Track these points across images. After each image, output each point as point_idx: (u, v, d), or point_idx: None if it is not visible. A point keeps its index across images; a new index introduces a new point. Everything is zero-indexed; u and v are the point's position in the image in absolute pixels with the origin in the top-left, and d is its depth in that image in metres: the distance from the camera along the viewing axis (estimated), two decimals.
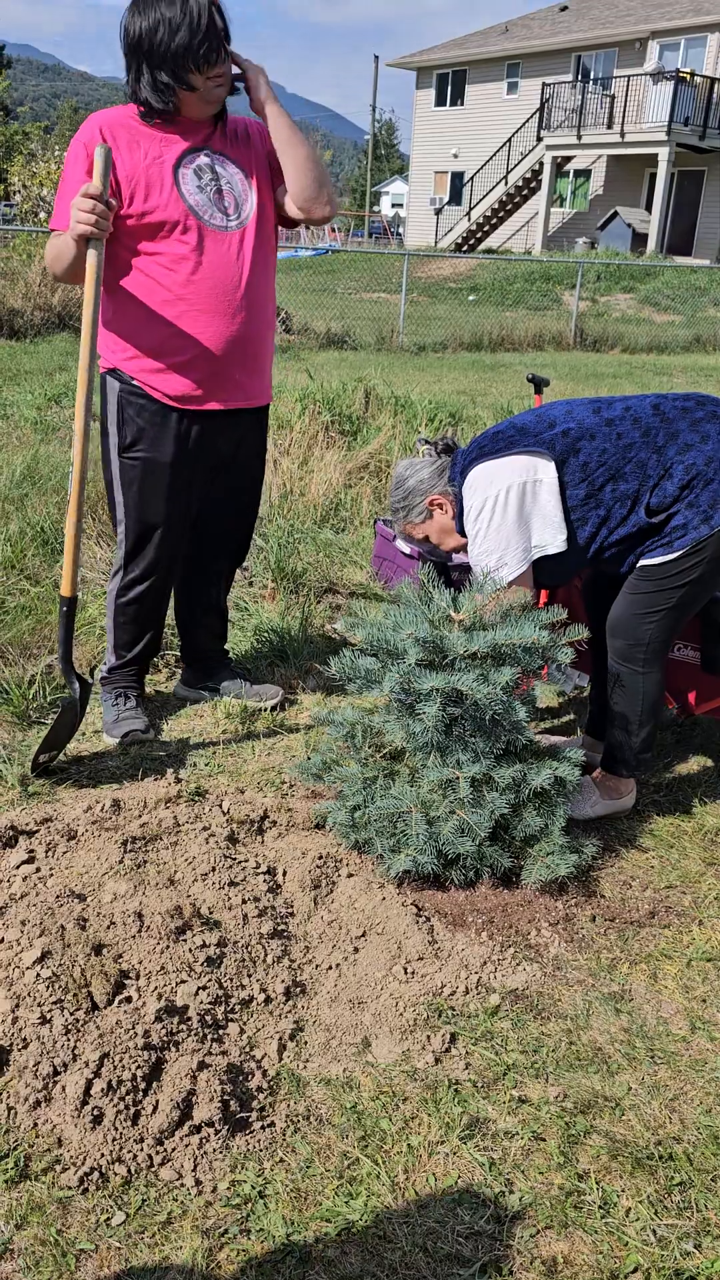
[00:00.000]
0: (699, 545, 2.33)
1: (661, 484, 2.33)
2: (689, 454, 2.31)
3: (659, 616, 2.42)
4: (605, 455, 2.34)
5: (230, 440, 2.74)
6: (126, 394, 2.60)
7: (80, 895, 2.07)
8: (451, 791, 2.19)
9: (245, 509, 2.97)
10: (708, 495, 2.30)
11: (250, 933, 2.04)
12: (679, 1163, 1.67)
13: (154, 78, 2.36)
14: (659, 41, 25.74)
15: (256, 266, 2.57)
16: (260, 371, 2.72)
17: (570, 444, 2.36)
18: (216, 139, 2.53)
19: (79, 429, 2.43)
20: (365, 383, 6.90)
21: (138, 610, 2.86)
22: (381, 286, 19.27)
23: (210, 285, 2.50)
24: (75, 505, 2.49)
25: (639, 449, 2.34)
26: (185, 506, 2.76)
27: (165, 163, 2.44)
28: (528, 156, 26.64)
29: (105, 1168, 1.58)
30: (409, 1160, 1.65)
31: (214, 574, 3.03)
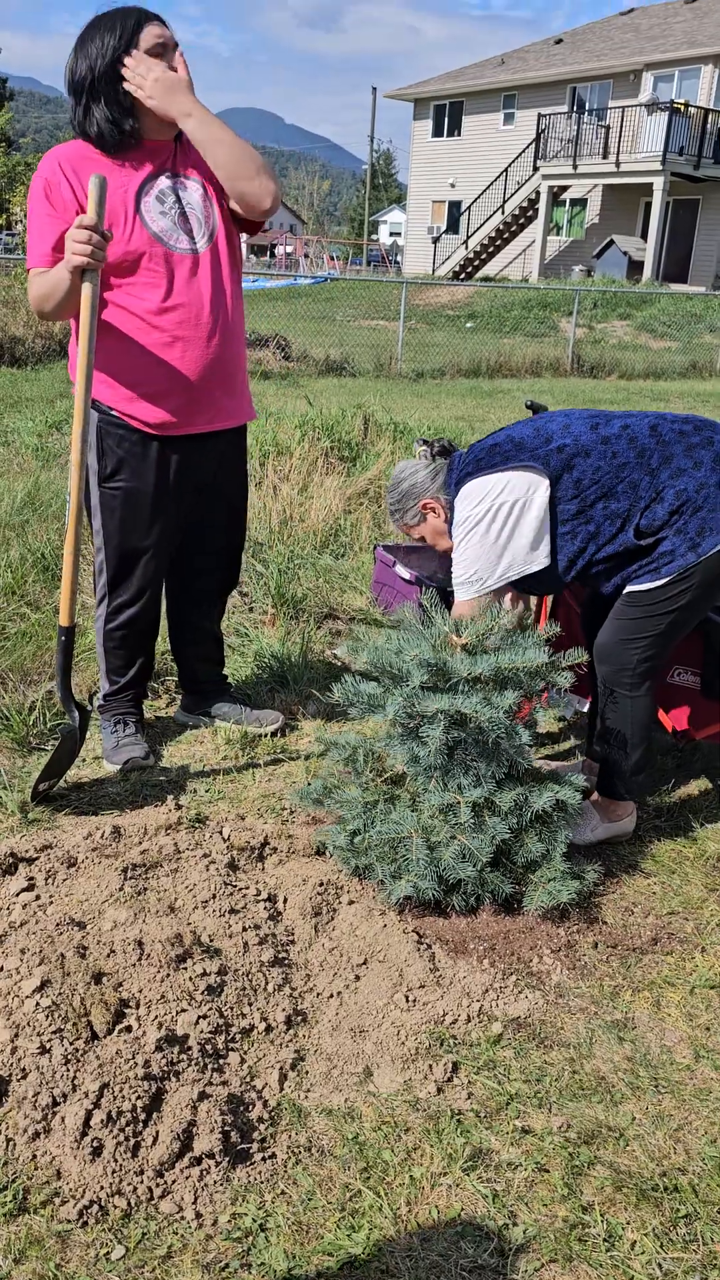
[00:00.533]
0: (686, 572, 2.34)
1: (652, 507, 2.34)
2: (681, 479, 2.32)
3: (646, 642, 2.43)
4: (599, 473, 2.35)
5: (210, 461, 2.75)
6: (106, 424, 2.60)
7: (80, 923, 2.06)
8: (453, 816, 2.19)
9: (231, 529, 2.96)
10: (696, 522, 2.31)
11: (251, 961, 2.03)
12: (684, 1194, 1.65)
13: (108, 111, 2.38)
14: (653, 73, 26.09)
15: (225, 286, 2.58)
16: (237, 390, 2.73)
17: (565, 461, 2.37)
18: (176, 159, 2.52)
19: (75, 460, 2.43)
20: (364, 409, 6.94)
21: (126, 636, 2.86)
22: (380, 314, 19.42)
23: (183, 311, 2.51)
24: (73, 535, 2.48)
25: (633, 469, 2.34)
26: (167, 532, 2.76)
27: (127, 193, 2.44)
28: (524, 186, 26.93)
29: (105, 1200, 1.57)
30: (411, 1192, 1.63)
31: (204, 597, 3.03)
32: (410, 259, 33.37)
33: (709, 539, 2.31)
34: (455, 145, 31.78)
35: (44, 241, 2.43)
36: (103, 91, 2.38)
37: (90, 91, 2.39)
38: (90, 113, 2.40)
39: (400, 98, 33.32)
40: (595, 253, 25.89)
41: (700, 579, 2.35)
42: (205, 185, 2.55)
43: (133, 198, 2.45)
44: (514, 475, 2.38)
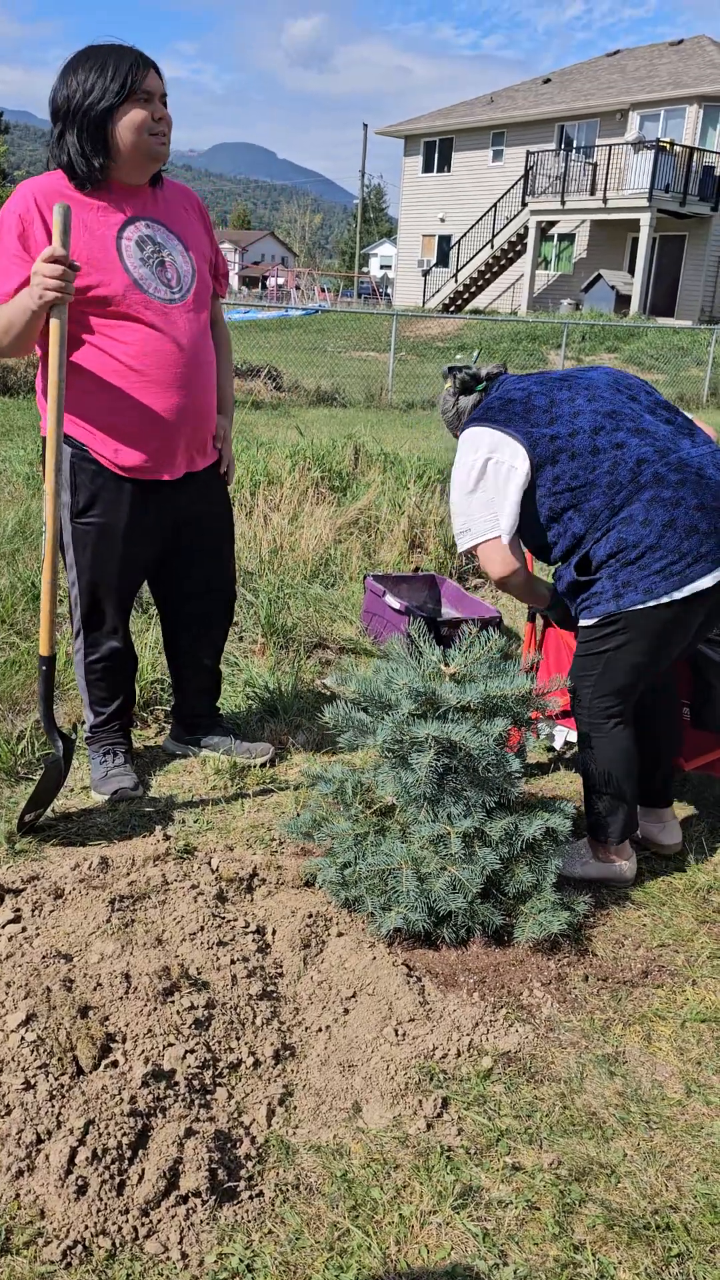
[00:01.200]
0: (610, 619, 2.35)
1: (600, 541, 2.33)
2: (628, 528, 2.30)
3: (591, 680, 2.44)
4: (575, 480, 2.33)
5: (185, 498, 2.72)
6: (79, 459, 2.56)
7: (67, 955, 2.04)
8: (443, 847, 2.18)
9: (216, 563, 2.92)
10: (625, 574, 2.31)
11: (239, 994, 2.01)
12: (676, 1233, 1.63)
13: (79, 143, 2.35)
14: (639, 113, 26.55)
15: (200, 337, 2.58)
16: (208, 436, 2.72)
17: (551, 453, 2.35)
18: (154, 206, 2.51)
19: (49, 490, 2.40)
20: (355, 439, 6.99)
21: (107, 668, 2.85)
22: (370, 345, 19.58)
23: (158, 358, 2.49)
24: (50, 564, 2.46)
25: (600, 495, 2.32)
26: (140, 565, 2.76)
27: (107, 234, 2.41)
28: (513, 221, 27.29)
29: (89, 1240, 1.54)
30: (400, 1231, 1.61)
31: (198, 633, 3.00)
32: (400, 291, 33.70)
33: (630, 595, 2.31)
34: (445, 181, 32.21)
35: (8, 280, 2.36)
36: (79, 125, 2.34)
37: (67, 120, 2.36)
38: (63, 140, 2.37)
39: (391, 134, 33.79)
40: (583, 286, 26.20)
41: (629, 627, 2.34)
42: (186, 240, 2.57)
43: (112, 240, 2.42)
44: (506, 440, 2.38)
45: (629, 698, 2.46)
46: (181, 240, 2.55)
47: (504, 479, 2.39)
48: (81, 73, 2.33)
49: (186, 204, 2.63)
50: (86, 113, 2.33)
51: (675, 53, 28.55)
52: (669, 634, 2.35)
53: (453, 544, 5.29)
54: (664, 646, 2.38)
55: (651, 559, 2.28)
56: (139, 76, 2.34)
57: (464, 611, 4.19)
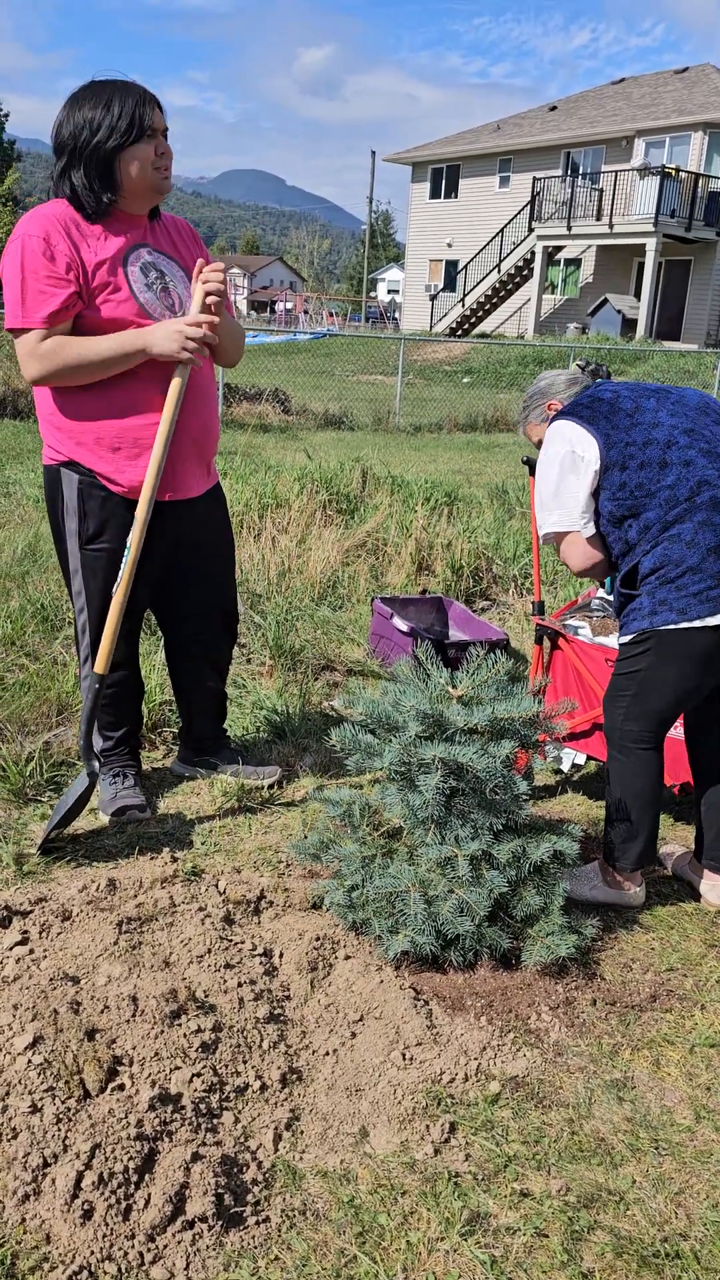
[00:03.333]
0: (643, 636, 2.35)
1: (650, 554, 2.35)
2: (674, 546, 2.31)
3: (623, 702, 2.44)
4: (639, 490, 2.35)
5: (188, 522, 2.74)
6: (86, 485, 2.59)
7: (74, 978, 2.04)
8: (450, 869, 2.18)
9: (217, 582, 2.94)
10: (663, 592, 2.32)
11: (246, 1017, 2.01)
12: (686, 1261, 1.62)
13: (86, 179, 2.39)
14: (645, 139, 26.78)
15: (200, 364, 2.60)
16: (209, 457, 2.77)
17: (622, 459, 2.37)
18: (154, 235, 2.57)
19: (140, 518, 2.52)
20: (362, 462, 7.02)
21: (115, 694, 2.87)
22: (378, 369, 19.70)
23: (160, 382, 2.52)
24: (125, 583, 2.54)
25: (656, 508, 2.34)
26: (146, 593, 2.78)
27: (114, 261, 2.45)
28: (519, 246, 27.49)
29: (95, 1266, 1.53)
30: (408, 1258, 1.60)
31: (197, 652, 3.01)
32: (408, 316, 33.94)
33: (664, 614, 2.32)
34: (452, 206, 32.49)
35: (44, 303, 2.37)
36: (86, 161, 2.38)
37: (72, 156, 2.39)
38: (66, 175, 2.41)
39: (399, 161, 34.13)
40: (590, 311, 26.34)
41: (664, 651, 2.34)
42: (184, 269, 2.62)
43: (119, 267, 2.46)
44: (585, 436, 2.41)
45: (660, 724, 2.44)
46: (182, 267, 2.62)
47: (582, 472, 2.41)
48: (88, 109, 2.36)
49: (182, 235, 2.69)
50: (95, 150, 2.36)
51: (680, 80, 28.82)
52: (702, 661, 2.35)
53: (459, 566, 5.31)
54: (697, 674, 2.37)
55: (690, 580, 2.30)
56: (147, 114, 2.38)
57: (471, 634, 4.20)
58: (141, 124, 2.36)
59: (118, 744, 2.95)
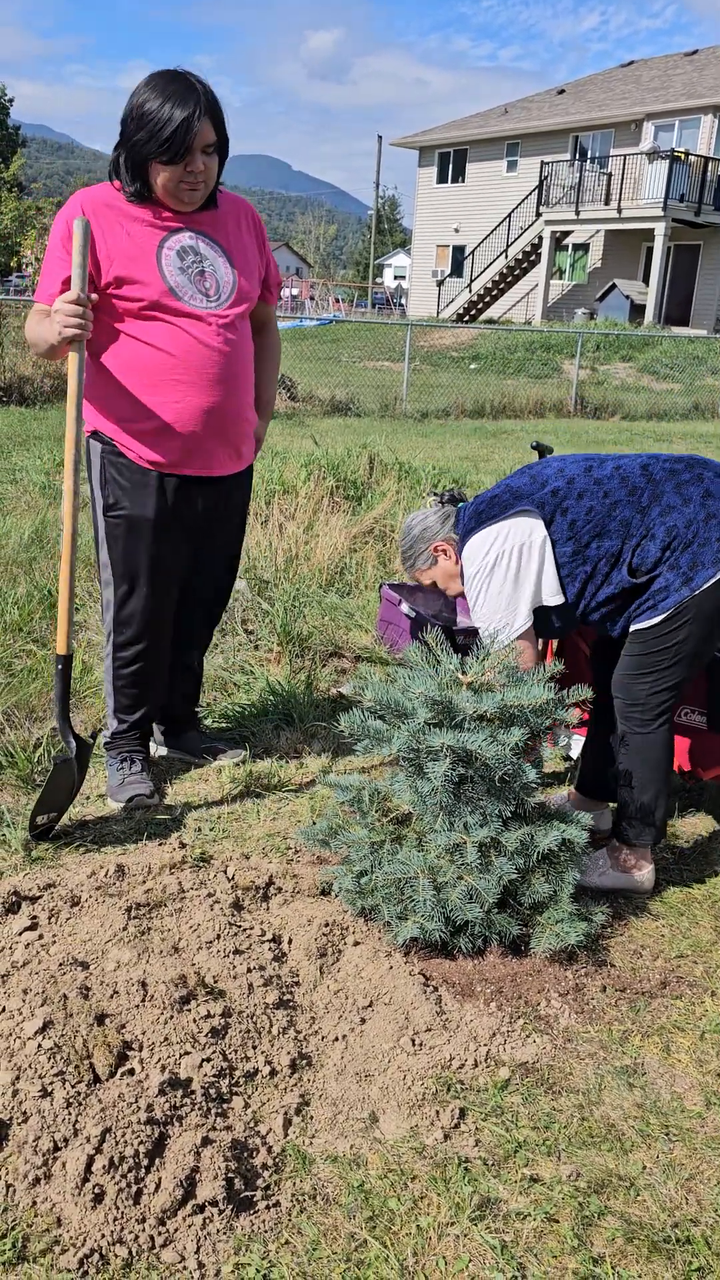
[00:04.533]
0: (681, 607, 2.36)
1: (644, 544, 2.37)
2: (670, 516, 2.35)
3: (652, 677, 2.44)
4: (592, 514, 2.39)
5: (210, 500, 2.78)
6: (109, 455, 2.66)
7: (83, 963, 2.04)
8: (459, 856, 2.17)
9: (228, 569, 3.02)
10: (687, 557, 2.34)
11: (255, 1003, 2.01)
12: (697, 1246, 1.62)
13: (126, 169, 2.45)
14: (654, 123, 26.57)
15: (233, 346, 2.62)
16: (240, 441, 2.76)
17: (558, 503, 2.41)
18: (203, 219, 2.57)
19: (68, 489, 2.47)
20: (369, 449, 7.00)
21: (136, 674, 2.87)
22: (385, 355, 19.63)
23: (186, 362, 2.55)
24: (67, 563, 2.52)
25: (623, 507, 2.38)
26: (170, 566, 2.79)
27: (148, 243, 2.49)
28: (527, 231, 27.33)
29: (105, 1249, 1.54)
30: (418, 1242, 1.60)
31: (193, 633, 3.06)
32: (415, 302, 33.78)
33: (701, 573, 2.33)
34: (459, 191, 32.29)
35: (52, 283, 2.49)
36: (128, 155, 2.43)
37: (121, 143, 2.44)
38: (119, 153, 2.47)
39: (406, 145, 33.93)
40: (598, 296, 26.20)
41: (698, 613, 2.36)
42: (231, 253, 2.62)
43: (153, 248, 2.50)
44: (513, 522, 2.43)
45: (680, 693, 2.48)
46: (227, 253, 2.61)
47: (538, 554, 2.41)
48: (150, 99, 2.36)
49: (240, 218, 2.68)
50: (133, 149, 2.41)
51: (690, 63, 28.58)
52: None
53: None
54: (717, 631, 2.42)
55: (707, 529, 2.33)
56: (184, 135, 2.35)
57: None
58: (178, 147, 2.36)
59: (131, 727, 2.95)
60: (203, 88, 2.40)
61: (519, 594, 2.43)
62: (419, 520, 2.66)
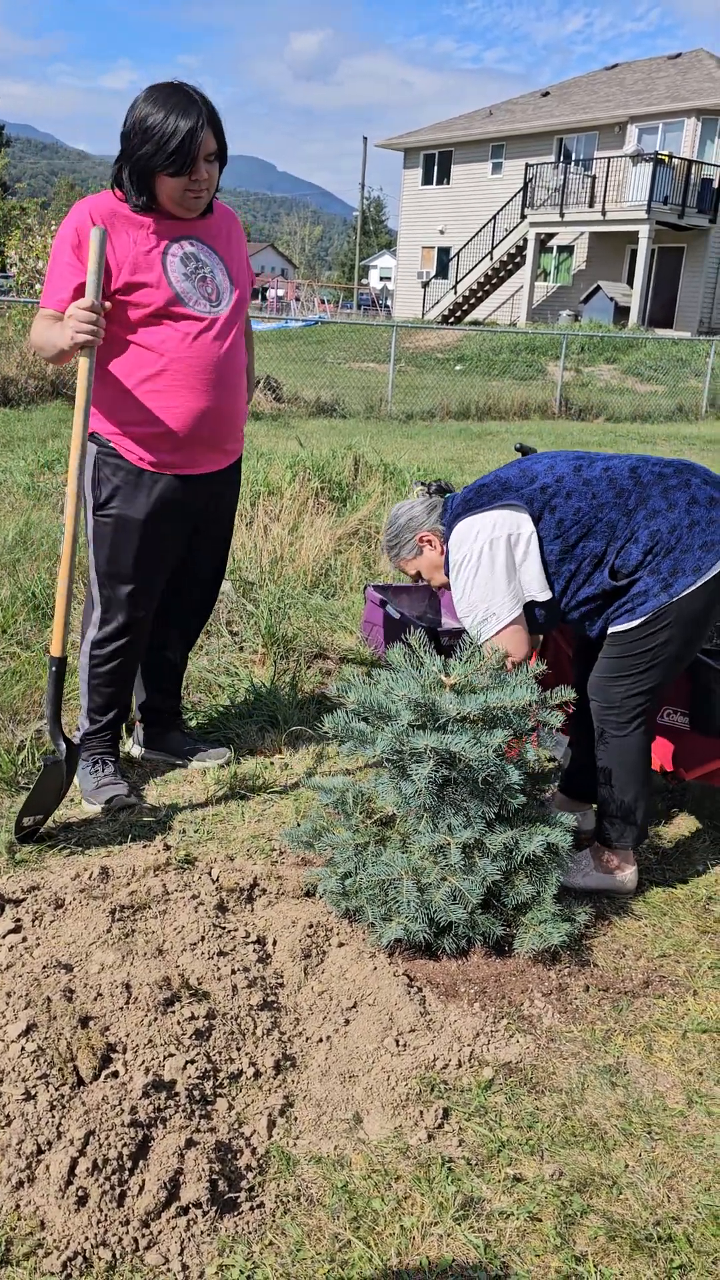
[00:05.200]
0: (660, 612, 2.36)
1: (627, 547, 2.38)
2: (655, 520, 2.36)
3: (629, 681, 2.45)
4: (580, 514, 2.40)
5: (203, 498, 2.81)
6: (103, 455, 2.68)
7: (67, 965, 2.04)
8: (443, 857, 2.18)
9: (217, 569, 3.05)
10: (669, 563, 2.35)
11: (239, 1004, 2.01)
12: (679, 1244, 1.63)
13: (130, 180, 2.49)
14: (638, 125, 26.69)
15: (232, 349, 2.69)
16: (232, 440, 2.82)
17: (546, 500, 2.42)
18: (199, 227, 2.63)
19: (71, 492, 2.51)
20: (354, 450, 7.00)
21: (111, 673, 2.87)
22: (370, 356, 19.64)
23: (189, 364, 2.60)
24: (66, 565, 2.53)
25: (610, 509, 2.39)
26: (157, 567, 2.80)
27: (154, 249, 2.54)
28: (512, 233, 27.40)
29: (89, 1252, 1.54)
30: (402, 1243, 1.60)
31: (182, 630, 3.09)
32: (400, 303, 33.82)
33: (681, 580, 2.34)
34: (444, 193, 32.35)
35: (62, 288, 2.51)
36: (131, 167, 2.46)
37: (124, 155, 2.47)
38: (121, 165, 2.50)
39: (391, 147, 33.96)
40: (582, 298, 26.29)
41: (677, 619, 2.37)
42: (227, 261, 2.69)
43: (159, 255, 2.54)
44: (502, 513, 2.43)
45: (658, 697, 2.49)
46: (223, 259, 2.69)
47: (523, 549, 2.42)
48: (152, 112, 2.40)
49: (230, 226, 2.76)
50: (137, 162, 2.45)
51: (673, 66, 28.72)
52: (704, 619, 2.40)
53: None
54: (698, 636, 2.43)
55: (690, 536, 2.34)
56: (188, 146, 2.39)
57: None
58: (184, 158, 2.41)
59: (103, 729, 2.95)
60: (202, 98, 2.45)
61: (507, 584, 2.42)
62: (405, 510, 2.66)
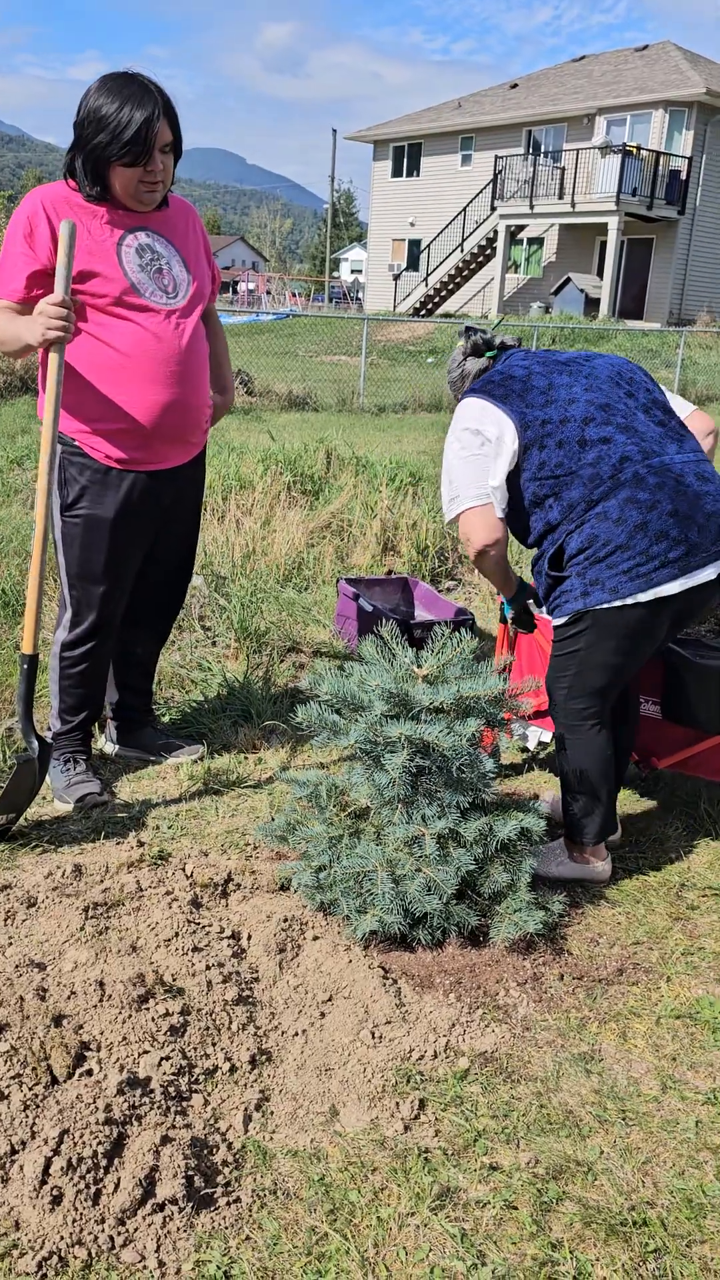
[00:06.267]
0: (577, 616, 2.36)
1: (572, 535, 2.35)
2: (601, 524, 2.30)
3: (565, 682, 2.46)
4: (559, 469, 2.33)
5: (170, 493, 2.79)
6: (68, 455, 2.65)
7: (40, 964, 2.03)
8: (418, 848, 2.18)
9: (183, 564, 3.03)
10: (593, 572, 2.32)
11: (214, 1000, 2.00)
12: (653, 1228, 1.64)
13: (83, 170, 2.46)
14: (606, 117, 26.75)
15: (192, 342, 2.66)
16: (196, 432, 2.79)
17: (540, 437, 2.35)
18: (155, 219, 2.60)
19: (41, 488, 2.48)
20: (326, 444, 6.99)
21: (83, 674, 2.85)
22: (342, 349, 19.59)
23: (148, 358, 2.57)
24: (37, 563, 2.50)
25: (578, 486, 2.32)
26: (126, 566, 2.78)
27: (108, 239, 2.51)
28: (482, 225, 27.41)
29: (65, 1251, 1.53)
30: (379, 1234, 1.61)
31: (153, 627, 3.07)
32: (371, 296, 33.77)
33: (596, 594, 2.32)
34: (414, 185, 32.30)
35: (14, 277, 2.48)
36: (85, 157, 2.44)
37: (77, 145, 2.45)
38: (72, 155, 2.48)
39: (360, 139, 33.85)
40: (553, 290, 26.35)
41: (596, 626, 2.34)
42: (184, 253, 2.66)
43: (113, 246, 2.51)
44: (500, 416, 2.38)
45: (604, 699, 2.46)
46: (180, 252, 2.66)
47: (493, 452, 2.39)
48: (105, 102, 2.38)
49: (188, 219, 2.73)
50: (91, 152, 2.42)
51: (641, 58, 28.80)
52: (636, 636, 2.36)
53: (424, 546, 5.30)
54: (633, 649, 2.39)
55: (619, 558, 2.29)
56: (142, 134, 2.37)
57: (437, 614, 4.20)
58: (139, 148, 2.39)
59: (74, 729, 2.93)
60: (157, 88, 2.43)
61: (477, 474, 2.39)
62: (456, 363, 2.63)
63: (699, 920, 2.50)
